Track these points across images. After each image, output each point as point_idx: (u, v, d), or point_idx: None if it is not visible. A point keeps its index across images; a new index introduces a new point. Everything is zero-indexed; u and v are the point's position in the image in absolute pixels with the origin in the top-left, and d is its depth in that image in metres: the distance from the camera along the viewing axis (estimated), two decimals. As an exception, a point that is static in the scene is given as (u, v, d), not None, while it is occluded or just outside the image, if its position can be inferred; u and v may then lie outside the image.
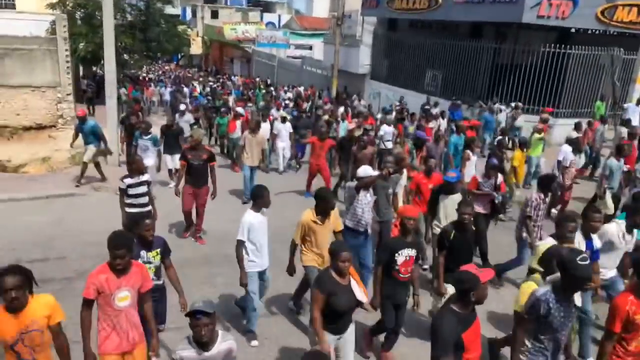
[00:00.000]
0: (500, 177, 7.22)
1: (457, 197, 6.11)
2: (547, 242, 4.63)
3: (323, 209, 5.16)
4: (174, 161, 10.13)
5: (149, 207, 6.67)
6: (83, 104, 20.18)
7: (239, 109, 14.18)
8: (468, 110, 15.81)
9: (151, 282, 4.12)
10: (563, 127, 14.35)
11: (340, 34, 23.97)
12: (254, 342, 5.22)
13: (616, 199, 8.37)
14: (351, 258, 3.96)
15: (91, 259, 6.85)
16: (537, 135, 11.11)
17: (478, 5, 16.76)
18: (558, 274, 3.51)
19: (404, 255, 4.68)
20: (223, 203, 8.73)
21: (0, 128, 15.80)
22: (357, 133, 10.85)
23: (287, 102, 20.84)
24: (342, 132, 12.89)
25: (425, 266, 7.00)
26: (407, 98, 19.55)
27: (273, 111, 15.17)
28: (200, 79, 35.21)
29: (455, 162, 10.14)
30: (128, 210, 6.46)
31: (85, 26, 23.35)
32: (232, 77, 36.68)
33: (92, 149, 10.33)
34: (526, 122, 14.01)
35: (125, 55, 25.71)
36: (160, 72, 42.83)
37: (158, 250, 4.62)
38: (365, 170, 5.92)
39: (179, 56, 51.89)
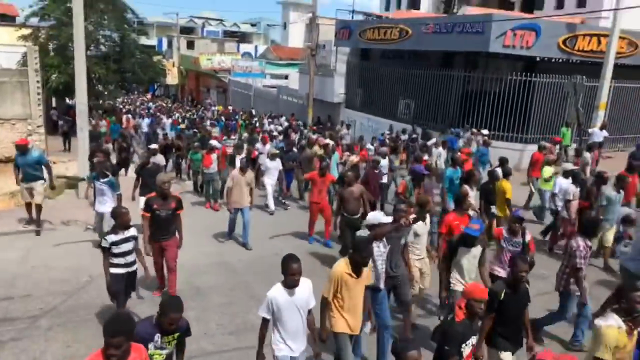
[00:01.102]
0: (528, 234, 6.08)
1: (477, 251, 5.46)
2: (611, 324, 4.07)
3: (360, 261, 4.45)
4: None
5: (136, 266, 5.84)
6: (56, 136, 19.90)
7: (214, 142, 13.14)
8: (440, 137, 16.09)
9: None
10: (531, 153, 14.72)
11: (315, 64, 24.35)
12: None
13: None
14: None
15: (57, 295, 6.67)
16: (549, 169, 10.29)
17: (447, 35, 17.29)
18: None
19: (470, 345, 4.09)
20: (196, 236, 8.60)
21: (-33, 161, 15.39)
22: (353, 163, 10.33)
23: (274, 134, 19.27)
24: (333, 166, 12.00)
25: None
26: (381, 126, 19.85)
27: (258, 145, 14.14)
28: (180, 110, 34.45)
29: (450, 197, 9.18)
30: (113, 271, 5.61)
31: (58, 58, 23.27)
32: (212, 107, 36.11)
33: (40, 185, 9.03)
34: (493, 148, 14.31)
35: (99, 86, 25.60)
36: (137, 103, 42.42)
37: (176, 335, 3.86)
38: (376, 217, 5.34)
39: (155, 86, 51.86)
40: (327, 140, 14.58)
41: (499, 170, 9.13)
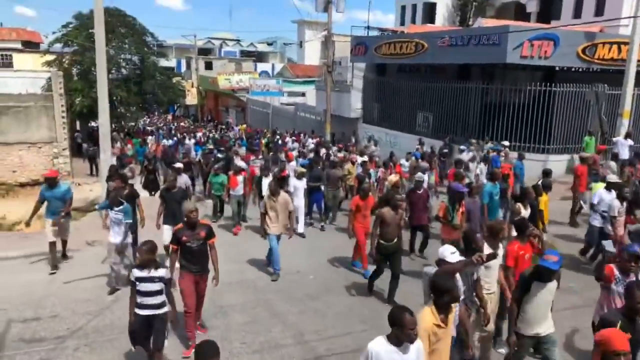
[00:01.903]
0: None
1: (553, 286, 4.67)
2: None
3: (447, 304, 3.88)
4: None
5: (165, 309, 5.18)
6: (80, 158, 20.34)
7: (241, 163, 12.74)
8: (478, 151, 15.90)
9: None
10: (554, 164, 14.50)
11: (332, 80, 24.51)
12: None
13: None
14: None
15: (82, 316, 6.74)
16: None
17: (463, 48, 17.26)
18: None
19: None
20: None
21: (-5, 185, 15.85)
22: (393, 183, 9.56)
23: (302, 151, 18.03)
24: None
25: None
26: (400, 140, 19.80)
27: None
28: (202, 130, 33.87)
29: (491, 214, 8.71)
30: (137, 311, 5.09)
31: (81, 82, 23.90)
32: (234, 127, 35.58)
33: (50, 222, 8.42)
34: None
35: (121, 108, 26.17)
36: (161, 124, 42.97)
37: None
38: (448, 252, 4.66)
39: (175, 107, 52.79)
40: (360, 158, 13.90)
41: (541, 183, 8.57)
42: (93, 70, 22.15)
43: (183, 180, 9.91)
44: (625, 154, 13.82)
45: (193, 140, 23.76)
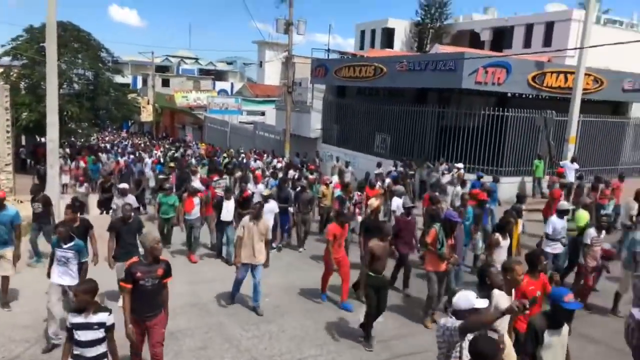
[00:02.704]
0: None
1: (566, 331, 4.10)
2: None
3: None
4: None
5: None
6: (23, 175, 19.35)
7: (197, 184, 11.93)
8: (417, 172, 16.22)
9: None
10: (506, 186, 14.93)
11: (292, 100, 24.57)
12: None
13: None
14: None
15: (19, 343, 6.24)
16: (583, 214, 9.06)
17: (421, 73, 17.68)
18: None
19: None
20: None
21: None
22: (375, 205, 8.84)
23: (272, 171, 16.58)
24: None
25: None
26: (358, 160, 19.93)
27: (250, 185, 12.60)
28: (161, 148, 32.15)
29: (466, 239, 8.59)
30: None
31: (29, 96, 22.95)
32: (195, 146, 33.97)
33: (10, 252, 7.25)
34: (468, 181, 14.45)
35: (71, 124, 25.23)
36: (115, 141, 41.38)
37: None
38: (468, 300, 3.87)
39: (129, 123, 51.51)
40: (332, 178, 13.66)
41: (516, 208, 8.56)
42: (42, 85, 21.33)
43: (129, 201, 9.22)
44: (571, 177, 14.40)
45: (151, 159, 22.44)
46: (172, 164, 17.79)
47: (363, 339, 6.61)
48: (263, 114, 38.99)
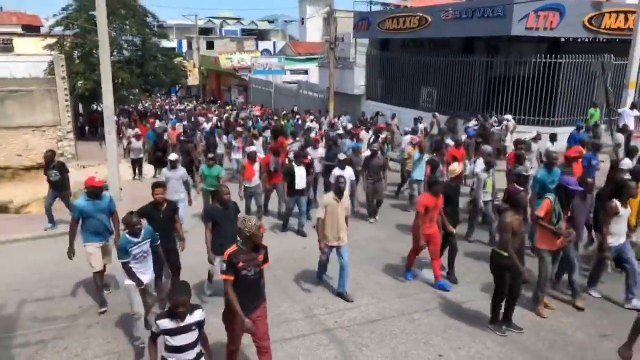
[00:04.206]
0: None
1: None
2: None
3: None
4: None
5: None
6: (84, 142, 20.37)
7: (254, 148, 11.23)
8: (465, 125, 15.88)
9: None
10: (560, 136, 14.39)
11: (335, 57, 24.28)
12: None
13: None
14: None
15: (94, 295, 6.86)
16: None
17: (468, 21, 17.01)
18: None
19: None
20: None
21: (1, 170, 15.96)
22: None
23: (339, 132, 14.81)
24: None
25: None
26: (403, 116, 19.69)
27: (310, 150, 11.12)
28: (216, 112, 31.16)
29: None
30: None
31: (83, 65, 23.77)
32: (250, 108, 32.61)
33: (96, 247, 6.51)
34: (519, 133, 14.04)
35: (123, 91, 26.08)
36: (168, 107, 41.78)
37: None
38: None
39: (177, 88, 52.56)
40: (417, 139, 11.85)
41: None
42: (95, 53, 22.04)
43: (179, 174, 8.80)
44: (631, 125, 13.70)
45: (209, 124, 21.51)
46: (239, 129, 15.98)
47: (491, 324, 5.85)
48: (306, 72, 38.76)
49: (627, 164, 8.77)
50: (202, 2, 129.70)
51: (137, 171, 15.06)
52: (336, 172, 8.79)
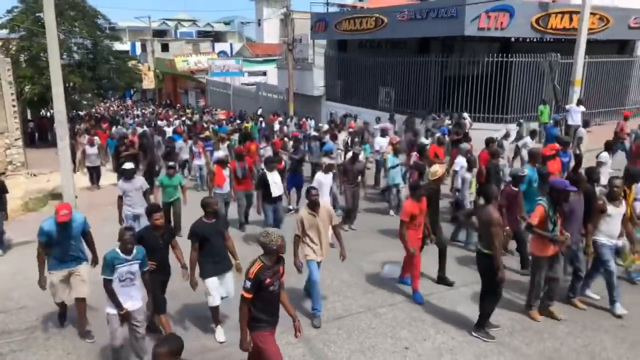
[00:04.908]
0: None
1: None
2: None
3: None
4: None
5: None
6: (33, 149, 19.57)
7: (219, 153, 10.57)
8: (422, 124, 16.25)
9: None
10: (512, 133, 14.96)
11: (293, 58, 24.32)
12: None
13: None
14: None
15: (52, 306, 6.60)
16: None
17: (422, 22, 17.41)
18: None
19: None
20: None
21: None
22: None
23: (313, 134, 14.75)
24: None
25: None
26: (363, 116, 19.93)
27: (320, 176, 10.64)
28: (175, 116, 29.71)
29: (528, 206, 6.96)
30: None
31: (30, 69, 22.86)
32: (214, 111, 32.00)
33: (82, 270, 5.83)
34: (474, 130, 14.47)
35: (75, 95, 25.23)
36: (123, 111, 40.39)
37: None
38: None
39: (132, 92, 51.22)
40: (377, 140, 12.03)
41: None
42: (42, 56, 21.23)
43: (137, 185, 8.04)
44: (578, 121, 14.39)
45: (171, 128, 20.17)
46: (223, 134, 15.46)
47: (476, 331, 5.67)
48: (265, 74, 38.60)
49: (604, 157, 8.95)
50: (156, 3, 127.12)
51: (94, 179, 14.18)
52: (319, 176, 8.47)
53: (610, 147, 9.31)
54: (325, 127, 16.15)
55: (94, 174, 14.16)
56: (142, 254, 5.01)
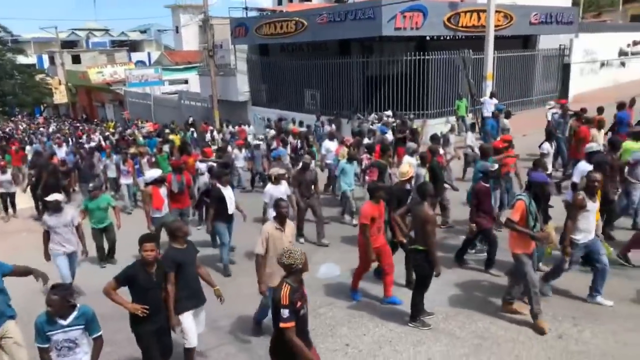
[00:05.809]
0: None
1: None
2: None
3: None
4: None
5: None
6: None
7: (152, 172, 9.12)
8: (348, 124, 16.51)
9: None
10: (432, 127, 15.59)
11: (214, 64, 23.87)
12: None
13: None
14: None
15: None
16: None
17: (341, 24, 17.69)
18: None
19: None
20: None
21: None
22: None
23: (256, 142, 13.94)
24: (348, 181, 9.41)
25: None
26: (291, 119, 19.94)
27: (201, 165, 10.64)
28: (92, 131, 28.48)
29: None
30: None
31: None
32: (140, 124, 30.17)
33: (11, 327, 4.74)
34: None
35: (-24, 113, 23.26)
36: (32, 129, 37.28)
37: None
38: None
39: (42, 108, 47.99)
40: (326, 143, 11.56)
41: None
42: None
43: (67, 219, 6.96)
44: (489, 111, 15.23)
45: (93, 144, 19.42)
46: (141, 149, 14.27)
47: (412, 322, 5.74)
48: (186, 82, 37.66)
49: (546, 148, 9.15)
50: (62, 13, 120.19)
51: (8, 207, 12.68)
52: (270, 189, 7.84)
53: (550, 137, 9.46)
54: (272, 132, 15.62)
55: (8, 200, 12.63)
56: (87, 317, 4.05)
